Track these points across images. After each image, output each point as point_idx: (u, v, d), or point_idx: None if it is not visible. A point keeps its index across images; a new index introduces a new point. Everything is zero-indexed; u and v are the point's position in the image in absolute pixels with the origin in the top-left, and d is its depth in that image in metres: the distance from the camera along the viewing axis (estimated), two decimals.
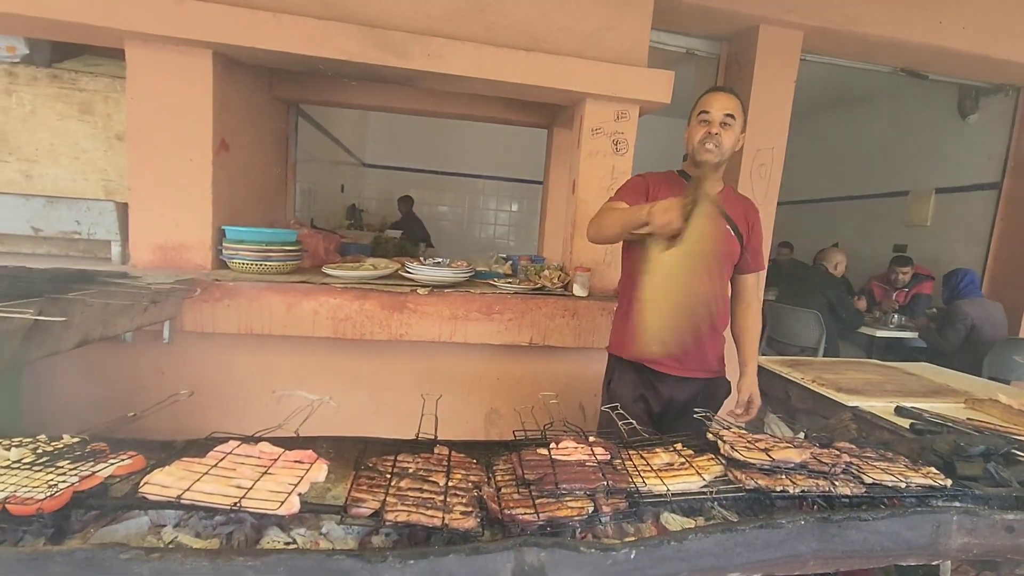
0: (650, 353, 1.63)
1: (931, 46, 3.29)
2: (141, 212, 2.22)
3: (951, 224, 4.80)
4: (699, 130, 1.71)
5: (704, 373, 1.82)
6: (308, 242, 2.67)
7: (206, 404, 2.29)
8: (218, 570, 0.78)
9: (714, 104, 1.68)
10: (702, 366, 1.81)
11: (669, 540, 0.90)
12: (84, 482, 0.84)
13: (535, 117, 3.37)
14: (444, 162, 7.49)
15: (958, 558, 1.05)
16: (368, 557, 0.82)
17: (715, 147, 1.67)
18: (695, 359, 1.79)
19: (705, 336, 1.77)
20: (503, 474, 1.04)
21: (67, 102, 2.31)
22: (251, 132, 2.67)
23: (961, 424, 1.47)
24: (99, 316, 1.57)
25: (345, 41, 2.21)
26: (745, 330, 1.88)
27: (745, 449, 1.06)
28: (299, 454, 1.00)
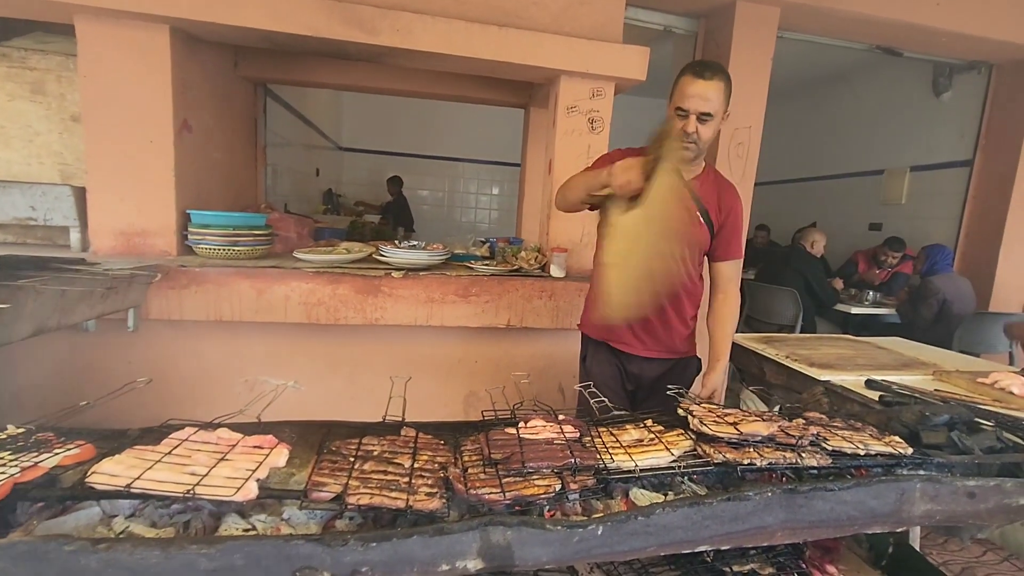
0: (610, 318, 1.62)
1: (905, 23, 3.29)
2: (100, 197, 2.14)
3: (925, 202, 4.87)
4: (675, 123, 1.60)
5: (669, 354, 1.80)
6: (279, 226, 2.61)
7: (176, 393, 2.24)
8: (170, 559, 0.75)
9: (691, 102, 1.55)
10: (667, 347, 1.79)
11: (636, 515, 0.90)
12: (26, 473, 0.80)
13: (511, 96, 3.32)
14: (424, 145, 7.38)
15: (921, 524, 1.07)
16: (328, 541, 0.80)
17: (693, 144, 1.59)
18: (660, 340, 1.77)
19: (669, 313, 1.75)
20: (470, 454, 1.02)
21: (17, 82, 2.20)
22: (216, 113, 2.58)
23: (928, 395, 1.49)
24: (55, 304, 1.51)
25: (310, 16, 2.13)
26: (718, 321, 1.78)
27: (714, 423, 1.05)
28: (258, 439, 0.97)
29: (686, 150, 1.60)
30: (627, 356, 1.80)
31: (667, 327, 1.77)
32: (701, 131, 1.57)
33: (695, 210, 1.68)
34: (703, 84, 1.54)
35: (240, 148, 3.01)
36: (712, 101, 1.55)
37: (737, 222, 1.77)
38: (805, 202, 6.47)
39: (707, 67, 1.57)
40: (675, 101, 1.60)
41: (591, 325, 1.86)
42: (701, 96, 1.54)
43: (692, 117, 1.56)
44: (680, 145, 1.52)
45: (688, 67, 1.59)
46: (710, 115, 1.56)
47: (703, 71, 1.56)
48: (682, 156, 1.54)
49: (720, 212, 1.74)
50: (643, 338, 1.77)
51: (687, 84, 1.56)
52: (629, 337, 1.78)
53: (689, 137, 1.57)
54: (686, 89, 1.56)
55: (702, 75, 1.55)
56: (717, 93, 1.55)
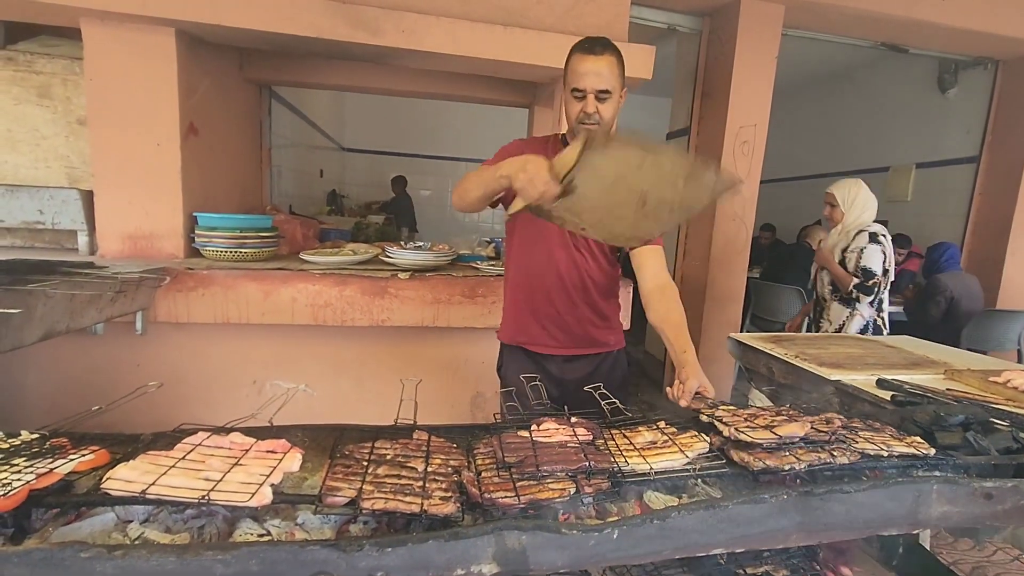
0: (526, 336, 1.59)
1: (911, 19, 3.28)
2: (107, 200, 2.14)
3: (931, 199, 4.85)
4: (574, 106, 1.51)
5: (588, 349, 1.71)
6: (285, 228, 2.61)
7: (184, 396, 2.24)
8: (186, 565, 0.75)
9: (586, 80, 1.46)
10: (583, 341, 1.70)
11: (651, 519, 0.89)
12: (41, 479, 0.80)
13: (515, 96, 3.31)
14: (426, 145, 7.39)
15: (937, 527, 1.06)
16: (344, 546, 0.80)
17: (595, 125, 1.49)
18: (573, 334, 1.69)
19: (578, 303, 1.67)
20: (484, 458, 1.02)
21: (24, 86, 2.21)
22: (222, 115, 2.58)
23: (941, 395, 1.48)
24: (64, 308, 1.51)
25: (315, 17, 2.13)
26: (666, 319, 1.55)
27: (749, 429, 1.04)
28: (271, 444, 0.97)
29: (589, 131, 1.51)
30: (545, 357, 1.71)
31: (578, 319, 1.68)
32: (601, 110, 1.49)
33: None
34: (594, 60, 1.47)
35: (245, 150, 3.01)
36: (606, 76, 1.47)
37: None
38: (810, 200, 6.44)
39: (596, 42, 1.49)
40: (570, 82, 1.51)
41: (503, 330, 1.78)
42: (594, 72, 1.46)
43: (590, 96, 1.47)
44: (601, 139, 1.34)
45: (576, 46, 1.52)
46: (608, 92, 1.48)
47: (592, 47, 1.48)
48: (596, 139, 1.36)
49: None
50: (555, 335, 1.68)
51: (579, 62, 1.48)
52: (542, 336, 1.69)
53: (591, 118, 1.49)
54: (579, 67, 1.48)
55: (592, 51, 1.48)
56: (610, 68, 1.48)
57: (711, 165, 1.29)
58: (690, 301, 3.67)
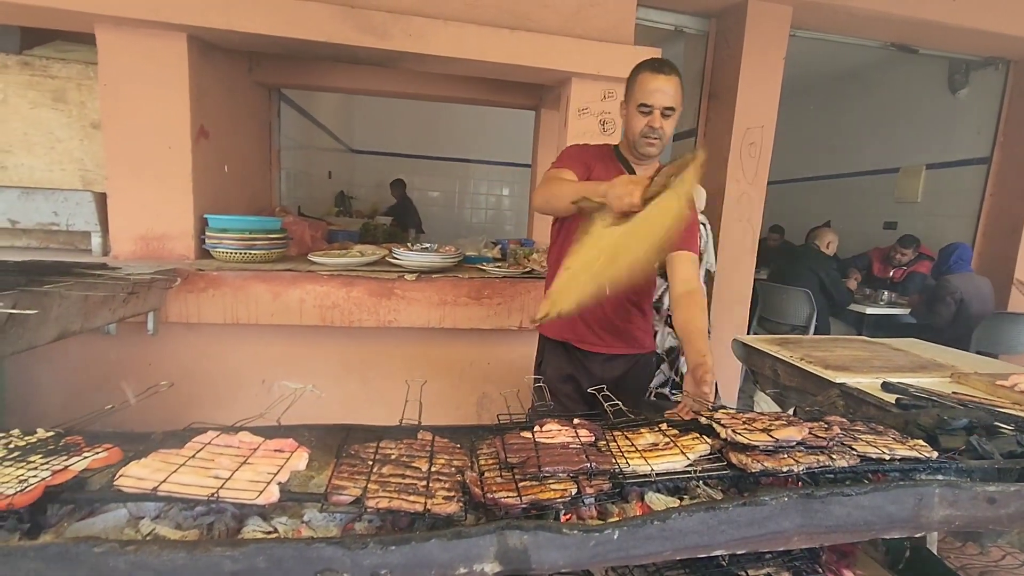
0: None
1: (921, 19, 3.26)
2: (120, 202, 2.18)
3: (941, 200, 4.80)
4: (639, 121, 1.61)
5: (630, 349, 1.80)
6: (294, 230, 2.64)
7: (194, 395, 2.27)
8: (195, 561, 0.77)
9: (655, 97, 1.56)
10: (627, 342, 1.79)
11: (652, 520, 0.90)
12: (57, 476, 0.82)
13: (522, 98, 3.33)
14: (434, 147, 7.41)
15: (940, 530, 1.06)
16: (348, 544, 0.81)
17: (657, 140, 1.61)
18: (620, 334, 1.77)
19: (632, 313, 1.77)
20: (486, 458, 1.03)
21: (39, 90, 2.25)
22: (231, 118, 2.62)
23: (946, 398, 1.47)
24: (78, 308, 1.54)
25: (324, 22, 2.16)
26: (689, 322, 1.54)
27: (747, 431, 1.05)
28: (279, 443, 0.99)
29: (650, 146, 1.63)
30: (588, 355, 1.78)
31: (627, 321, 1.77)
32: (665, 126, 1.60)
33: (691, 214, 1.66)
34: (664, 79, 1.56)
35: (255, 152, 3.05)
36: (672, 95, 1.57)
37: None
38: (818, 201, 6.41)
39: (664, 63, 1.59)
40: (637, 98, 1.59)
41: (548, 325, 1.77)
42: (663, 91, 1.56)
43: (657, 112, 1.57)
44: (698, 172, 1.40)
45: (644, 65, 1.61)
46: (673, 109, 1.58)
47: (662, 67, 1.58)
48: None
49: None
50: (603, 336, 1.75)
51: (649, 80, 1.57)
52: (590, 336, 1.76)
53: (654, 132, 1.59)
54: (648, 85, 1.57)
55: (662, 71, 1.57)
56: (676, 88, 1.58)
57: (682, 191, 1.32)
58: None
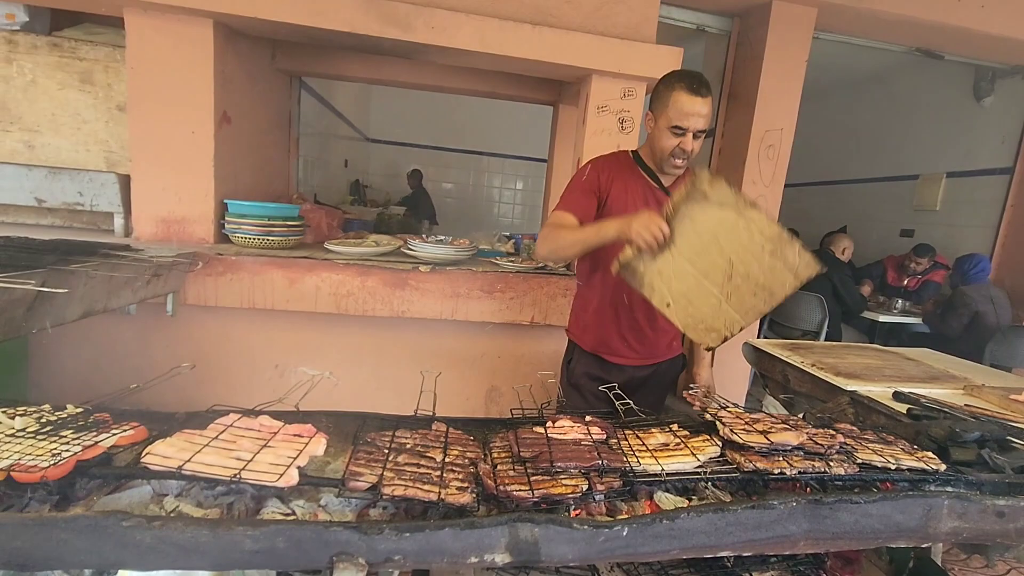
0: (607, 348, 1.71)
1: (948, 25, 3.20)
2: (143, 185, 2.22)
3: (961, 209, 4.73)
4: (670, 140, 1.56)
5: (659, 359, 1.83)
6: (311, 217, 2.66)
7: (210, 377, 2.31)
8: (218, 539, 0.80)
9: (690, 121, 1.51)
10: (656, 352, 1.82)
11: (661, 519, 0.92)
12: (87, 451, 0.85)
13: (540, 93, 3.32)
14: (449, 138, 7.41)
15: (947, 541, 1.06)
16: (365, 529, 0.84)
17: (686, 159, 1.59)
18: (650, 345, 1.79)
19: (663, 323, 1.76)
20: (499, 451, 1.05)
21: (68, 71, 2.28)
22: (253, 105, 2.64)
23: (958, 410, 1.47)
24: (102, 288, 1.58)
25: (348, 12, 2.17)
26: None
27: (744, 432, 1.06)
28: (298, 428, 1.01)
29: (677, 167, 1.61)
30: (619, 367, 1.80)
31: (656, 331, 1.79)
32: (695, 147, 1.57)
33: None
34: (701, 102, 1.51)
35: (274, 139, 3.08)
36: (707, 117, 1.53)
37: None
38: (835, 205, 6.34)
39: (701, 83, 1.52)
40: (671, 118, 1.54)
41: (584, 338, 1.84)
42: (699, 114, 1.51)
43: (689, 135, 1.53)
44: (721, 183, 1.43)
45: (679, 83, 1.53)
46: (704, 131, 1.55)
47: (699, 88, 1.51)
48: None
49: None
50: (637, 348, 1.78)
51: (685, 102, 1.51)
52: (623, 349, 1.78)
53: (684, 154, 1.56)
54: (684, 107, 1.51)
55: (699, 92, 1.50)
56: (710, 108, 1.54)
57: (795, 242, 1.34)
58: None
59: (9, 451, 0.81)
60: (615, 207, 1.66)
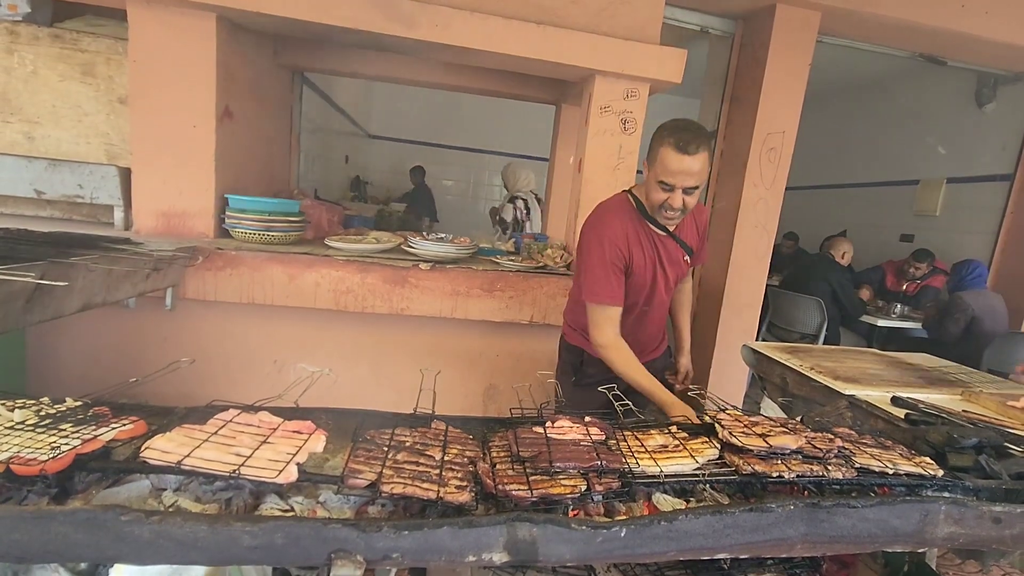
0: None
1: (952, 31, 3.20)
2: (144, 178, 2.21)
3: (961, 215, 4.74)
4: (659, 195, 1.54)
5: (658, 354, 1.98)
6: (311, 213, 2.66)
7: (208, 372, 2.31)
8: (216, 534, 0.80)
9: (676, 178, 1.47)
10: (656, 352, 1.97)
11: (659, 520, 0.92)
12: (86, 445, 0.85)
13: (543, 93, 3.32)
14: (450, 136, 7.40)
15: (944, 547, 1.07)
16: (363, 527, 0.84)
17: (680, 214, 1.57)
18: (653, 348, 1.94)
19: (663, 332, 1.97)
20: (498, 450, 1.05)
21: (69, 63, 2.27)
22: (255, 99, 2.64)
23: (956, 416, 1.47)
24: (102, 282, 1.57)
25: (352, 8, 2.16)
26: (679, 308, 2.00)
27: (743, 434, 1.06)
28: (298, 424, 1.01)
29: (670, 220, 1.61)
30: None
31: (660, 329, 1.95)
32: (687, 202, 1.53)
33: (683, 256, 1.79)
34: (689, 160, 1.45)
35: (276, 134, 3.07)
36: (699, 174, 1.47)
37: (706, 233, 1.88)
38: (835, 209, 6.35)
39: (691, 139, 1.44)
40: (658, 174, 1.50)
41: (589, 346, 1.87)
42: (687, 172, 1.46)
43: (678, 191, 1.50)
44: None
45: (669, 137, 1.47)
46: (696, 187, 1.51)
47: (687, 146, 1.44)
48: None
49: (699, 235, 1.83)
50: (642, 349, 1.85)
51: (671, 160, 1.46)
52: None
53: (673, 211, 1.54)
54: (671, 166, 1.47)
55: (687, 150, 1.44)
56: (703, 165, 1.47)
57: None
58: (707, 306, 3.65)
59: (8, 444, 0.81)
60: (638, 271, 1.69)
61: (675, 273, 1.78)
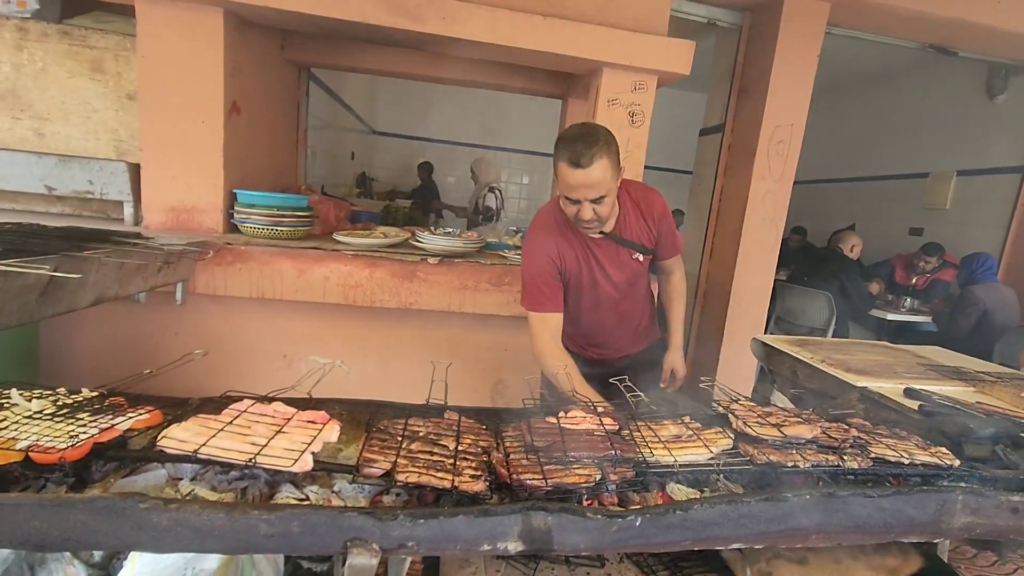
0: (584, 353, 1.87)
1: (963, 21, 3.16)
2: (153, 173, 2.22)
3: (971, 208, 4.70)
4: (568, 207, 1.52)
5: (637, 349, 1.95)
6: (319, 209, 2.66)
7: (218, 365, 2.32)
8: (233, 522, 0.80)
9: (575, 192, 1.45)
10: (634, 347, 1.94)
11: (675, 509, 0.92)
12: (104, 434, 0.85)
13: (549, 86, 3.30)
14: (455, 132, 7.39)
15: (959, 536, 1.06)
16: (379, 515, 0.84)
17: (595, 223, 1.54)
18: (627, 344, 1.92)
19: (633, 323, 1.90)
20: (512, 440, 1.05)
21: (78, 60, 2.28)
22: (263, 95, 2.64)
23: (971, 407, 1.46)
24: (114, 275, 1.58)
25: (359, 3, 2.15)
26: (668, 302, 1.96)
27: (757, 424, 1.06)
28: (312, 414, 1.01)
29: (588, 229, 1.58)
30: (599, 362, 1.89)
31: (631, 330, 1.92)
32: (598, 210, 1.49)
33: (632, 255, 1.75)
34: (583, 173, 1.41)
35: (283, 130, 3.08)
36: (600, 184, 1.43)
37: (669, 225, 1.77)
38: (844, 203, 6.30)
39: (583, 150, 1.39)
40: (562, 189, 1.49)
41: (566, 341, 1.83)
42: (586, 186, 1.43)
43: (585, 203, 1.47)
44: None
45: (563, 152, 1.43)
46: (602, 196, 1.47)
47: (579, 159, 1.39)
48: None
49: (651, 229, 1.75)
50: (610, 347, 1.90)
51: (568, 175, 1.43)
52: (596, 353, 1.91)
53: (585, 222, 1.51)
54: (569, 180, 1.44)
55: (579, 164, 1.40)
56: (602, 173, 1.42)
57: None
58: (714, 300, 3.64)
59: (28, 432, 0.82)
60: (573, 277, 1.72)
61: (624, 274, 1.74)
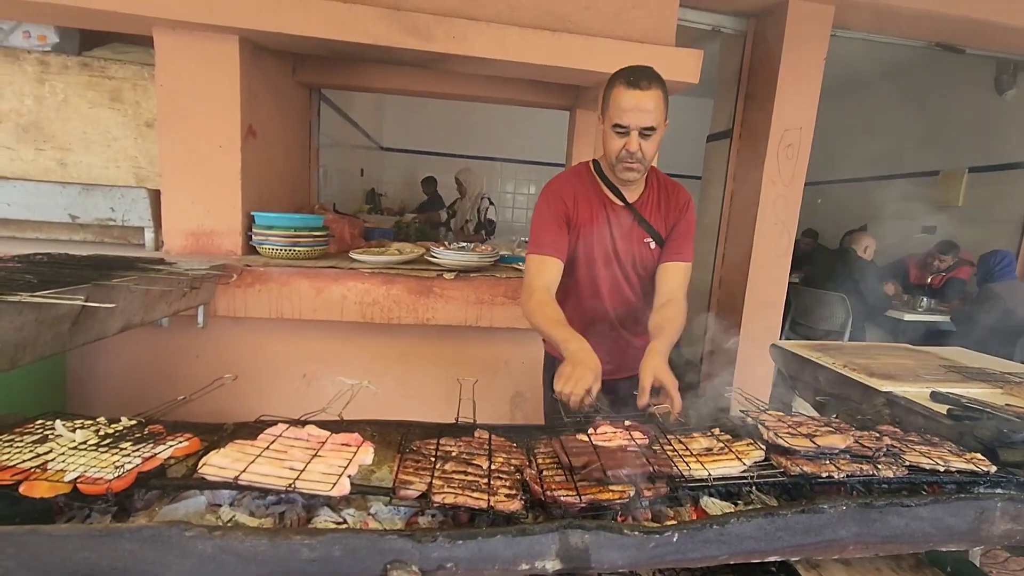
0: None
1: (969, 18, 3.16)
2: (172, 199, 2.26)
3: (983, 205, 4.66)
4: (615, 142, 1.44)
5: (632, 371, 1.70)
6: (334, 227, 2.69)
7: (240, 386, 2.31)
8: (276, 548, 0.81)
9: (630, 116, 1.39)
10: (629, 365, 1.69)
11: (711, 524, 0.92)
12: (147, 463, 0.87)
13: (557, 99, 3.33)
14: (461, 145, 7.46)
15: (1001, 544, 1.05)
16: (418, 537, 0.85)
17: (637, 163, 1.46)
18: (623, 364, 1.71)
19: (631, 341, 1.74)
20: (544, 457, 1.05)
21: (98, 90, 2.34)
22: (277, 118, 2.69)
23: (1001, 410, 1.45)
24: (140, 302, 1.61)
25: (370, 24, 2.20)
26: (659, 327, 1.51)
27: (789, 435, 1.06)
28: (346, 437, 1.02)
29: (629, 170, 1.48)
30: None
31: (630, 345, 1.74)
32: (644, 147, 1.43)
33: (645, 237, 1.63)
34: (640, 95, 1.38)
35: (296, 151, 3.12)
36: (652, 113, 1.40)
37: (688, 225, 1.65)
38: (855, 203, 6.26)
39: (642, 75, 1.40)
40: (611, 117, 1.43)
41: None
42: (640, 109, 1.38)
43: (634, 134, 1.41)
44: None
45: (619, 76, 1.42)
46: (653, 129, 1.42)
47: (638, 79, 1.38)
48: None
49: (668, 220, 1.65)
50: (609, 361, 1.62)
51: (624, 98, 1.39)
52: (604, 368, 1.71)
53: (632, 157, 1.44)
54: (623, 103, 1.39)
55: (638, 85, 1.38)
56: (656, 103, 1.40)
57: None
58: (729, 305, 3.62)
59: (74, 464, 0.83)
60: (583, 232, 1.60)
61: (630, 252, 1.63)
